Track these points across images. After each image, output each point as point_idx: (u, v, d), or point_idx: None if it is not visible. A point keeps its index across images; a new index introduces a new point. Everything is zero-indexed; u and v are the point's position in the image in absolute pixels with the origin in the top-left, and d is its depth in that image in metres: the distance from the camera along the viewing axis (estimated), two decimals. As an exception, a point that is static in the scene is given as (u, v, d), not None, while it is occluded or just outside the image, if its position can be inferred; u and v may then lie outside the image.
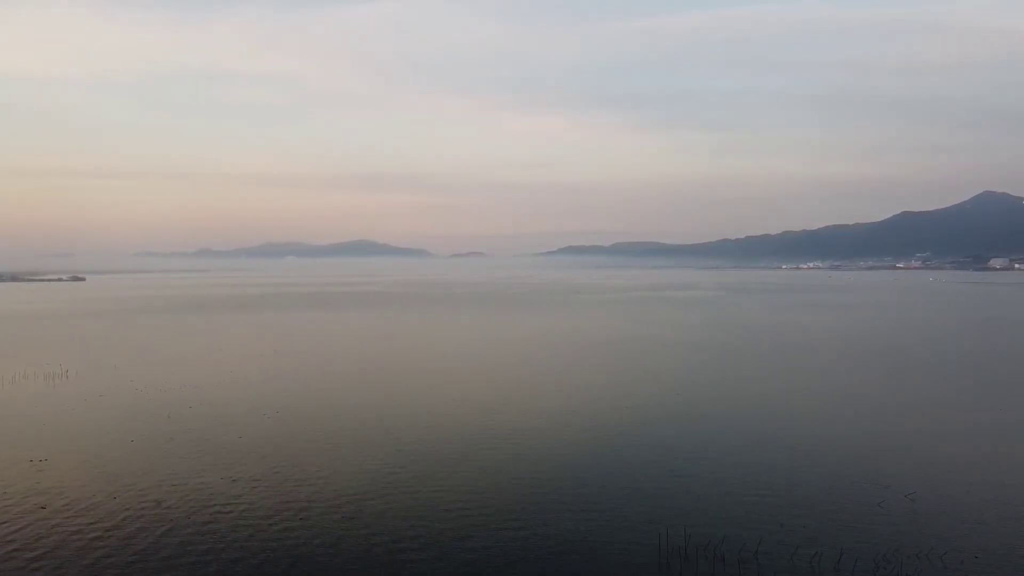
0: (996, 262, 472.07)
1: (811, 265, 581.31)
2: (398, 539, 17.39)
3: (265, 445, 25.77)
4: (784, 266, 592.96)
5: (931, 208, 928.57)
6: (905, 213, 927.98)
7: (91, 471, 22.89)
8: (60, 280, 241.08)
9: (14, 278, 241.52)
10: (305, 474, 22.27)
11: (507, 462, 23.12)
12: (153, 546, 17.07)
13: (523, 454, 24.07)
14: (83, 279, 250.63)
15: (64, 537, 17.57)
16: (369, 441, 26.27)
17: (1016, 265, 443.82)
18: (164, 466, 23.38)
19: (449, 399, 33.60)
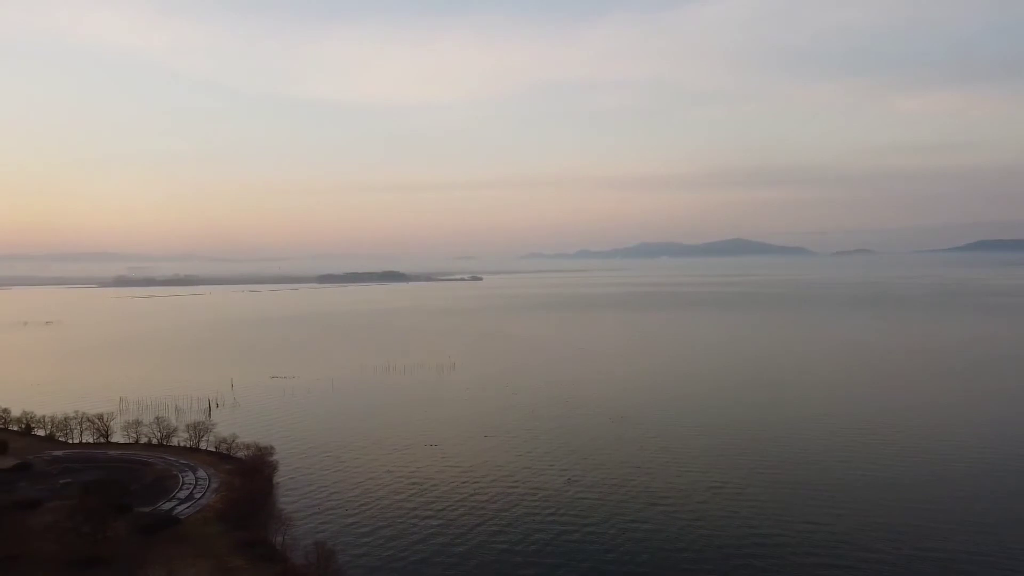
0: None
1: None
2: (733, 545, 29.41)
3: (603, 449, 32.59)
4: None
5: None
6: None
7: (458, 458, 35.17)
8: (462, 280, 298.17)
9: (429, 278, 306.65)
10: (648, 483, 30.54)
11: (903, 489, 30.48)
12: (486, 542, 28.94)
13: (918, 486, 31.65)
14: (480, 279, 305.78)
15: (420, 519, 31.36)
16: (713, 451, 33.49)
17: None
18: (510, 463, 34.04)
19: (818, 416, 36.63)
